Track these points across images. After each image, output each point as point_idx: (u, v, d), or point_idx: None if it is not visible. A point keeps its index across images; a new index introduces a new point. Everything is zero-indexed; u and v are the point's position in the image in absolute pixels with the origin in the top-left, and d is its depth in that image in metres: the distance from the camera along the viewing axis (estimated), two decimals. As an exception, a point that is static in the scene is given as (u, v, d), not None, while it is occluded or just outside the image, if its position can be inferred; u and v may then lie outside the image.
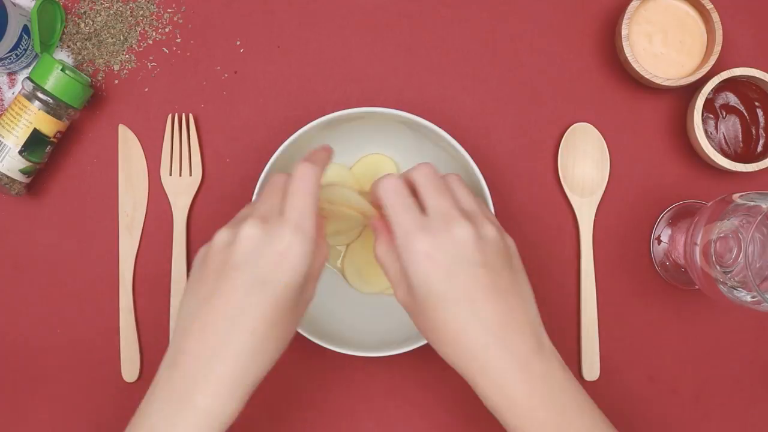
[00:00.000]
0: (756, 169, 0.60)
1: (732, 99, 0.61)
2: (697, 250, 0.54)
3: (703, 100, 0.60)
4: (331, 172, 0.62)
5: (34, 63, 0.63)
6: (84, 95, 0.62)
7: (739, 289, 0.51)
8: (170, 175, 0.65)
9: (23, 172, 0.61)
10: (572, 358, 0.63)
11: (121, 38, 0.65)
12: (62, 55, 0.65)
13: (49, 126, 0.61)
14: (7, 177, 0.60)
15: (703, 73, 0.61)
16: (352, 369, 0.64)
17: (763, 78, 0.60)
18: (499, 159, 0.64)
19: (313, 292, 0.48)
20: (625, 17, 0.61)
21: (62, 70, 0.60)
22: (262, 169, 0.57)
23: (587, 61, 0.65)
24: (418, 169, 0.50)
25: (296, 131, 0.57)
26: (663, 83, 0.60)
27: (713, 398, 0.64)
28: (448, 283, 0.45)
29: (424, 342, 0.56)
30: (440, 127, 0.57)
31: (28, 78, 0.61)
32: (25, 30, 0.62)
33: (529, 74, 0.65)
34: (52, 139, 0.62)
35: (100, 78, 0.65)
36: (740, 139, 0.61)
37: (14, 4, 0.62)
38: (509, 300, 0.46)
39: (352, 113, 0.57)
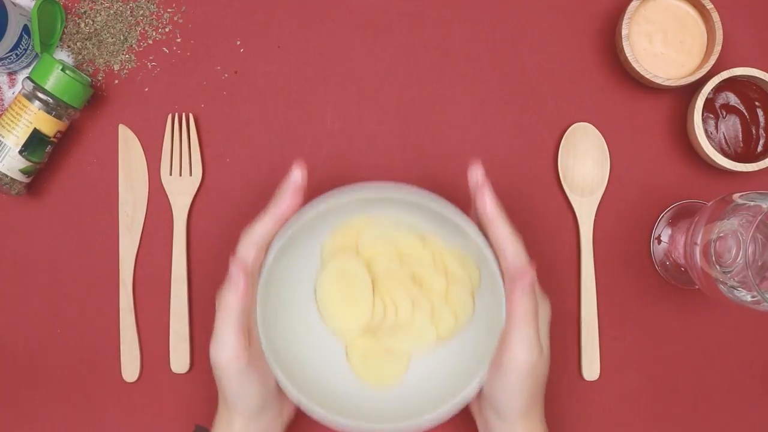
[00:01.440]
0: (756, 169, 0.60)
1: (732, 99, 0.61)
2: (697, 250, 0.54)
3: (703, 100, 0.60)
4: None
5: (34, 63, 0.63)
6: (84, 95, 0.62)
7: (739, 289, 0.51)
8: (170, 175, 0.64)
9: (23, 172, 0.61)
10: (572, 358, 0.63)
11: (121, 38, 0.65)
12: (62, 55, 0.65)
13: (49, 126, 0.61)
14: (7, 177, 0.60)
15: (703, 73, 0.61)
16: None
17: (763, 78, 0.60)
18: (499, 159, 0.64)
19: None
20: (625, 17, 0.61)
21: (62, 70, 0.60)
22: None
23: (587, 61, 0.65)
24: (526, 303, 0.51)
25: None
26: (663, 83, 0.60)
27: (713, 398, 0.64)
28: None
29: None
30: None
31: (28, 78, 0.61)
32: (25, 30, 0.62)
33: (529, 74, 0.65)
34: (52, 139, 0.62)
35: (100, 78, 0.65)
36: (740, 139, 0.61)
37: (14, 4, 0.62)
38: (537, 399, 0.54)
39: (358, 197, 0.51)
